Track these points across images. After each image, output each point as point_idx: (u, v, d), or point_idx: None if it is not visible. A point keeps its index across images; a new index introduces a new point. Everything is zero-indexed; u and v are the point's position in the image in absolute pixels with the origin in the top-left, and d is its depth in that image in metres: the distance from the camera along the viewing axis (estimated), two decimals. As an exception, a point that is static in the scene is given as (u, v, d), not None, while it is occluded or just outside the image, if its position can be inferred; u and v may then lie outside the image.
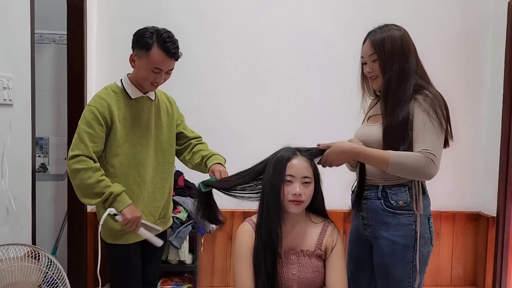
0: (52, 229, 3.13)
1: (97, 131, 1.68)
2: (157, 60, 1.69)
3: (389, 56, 1.54)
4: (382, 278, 1.60)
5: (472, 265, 3.24)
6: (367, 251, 1.66)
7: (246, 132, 3.06)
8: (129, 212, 1.65)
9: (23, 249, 1.58)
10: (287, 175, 1.47)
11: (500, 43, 3.04)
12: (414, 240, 1.52)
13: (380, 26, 1.60)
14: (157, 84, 1.76)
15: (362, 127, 1.72)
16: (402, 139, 1.50)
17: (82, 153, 1.65)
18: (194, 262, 2.83)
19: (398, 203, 1.54)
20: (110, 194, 1.64)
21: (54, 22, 3.00)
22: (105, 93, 1.75)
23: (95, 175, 1.64)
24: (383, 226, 1.56)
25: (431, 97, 1.49)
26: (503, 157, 3.00)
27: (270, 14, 3.05)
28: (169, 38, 1.70)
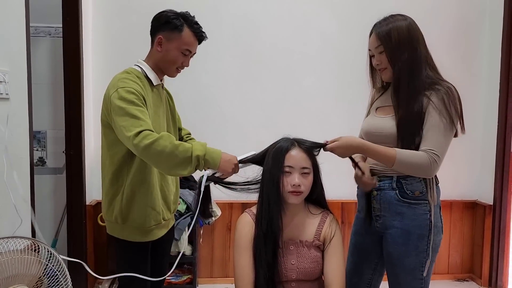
0: (52, 222, 3.14)
1: (144, 108, 1.55)
2: (189, 42, 1.69)
3: (397, 46, 1.52)
4: (393, 268, 1.60)
5: (469, 253, 3.27)
6: (375, 243, 1.66)
7: (243, 123, 3.07)
8: (227, 165, 1.51)
9: (23, 242, 1.58)
10: (286, 166, 1.48)
11: (497, 33, 3.03)
12: (429, 229, 1.53)
13: (386, 17, 1.59)
14: (182, 68, 1.74)
15: (371, 118, 1.69)
16: (417, 131, 1.50)
17: (144, 128, 1.47)
18: (194, 254, 2.85)
19: (414, 193, 1.54)
20: (197, 159, 1.47)
21: (49, 15, 2.98)
22: (131, 77, 1.62)
23: (170, 141, 1.46)
24: (397, 216, 1.56)
25: (444, 94, 1.48)
26: (499, 146, 3.01)
27: (266, 5, 3.04)
28: (195, 20, 1.72)
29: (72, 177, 2.74)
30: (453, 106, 1.48)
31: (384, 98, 1.66)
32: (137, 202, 1.65)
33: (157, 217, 1.70)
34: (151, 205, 1.67)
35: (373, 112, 1.69)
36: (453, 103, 1.49)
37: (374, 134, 1.62)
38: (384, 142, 1.57)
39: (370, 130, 1.64)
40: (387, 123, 1.57)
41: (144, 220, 1.66)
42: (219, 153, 1.53)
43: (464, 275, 3.26)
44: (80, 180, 2.74)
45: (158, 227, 1.73)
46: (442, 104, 1.48)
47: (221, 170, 1.52)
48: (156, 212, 1.69)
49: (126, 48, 2.93)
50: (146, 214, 1.66)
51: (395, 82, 1.55)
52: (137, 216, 1.66)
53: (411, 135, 1.51)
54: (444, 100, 1.48)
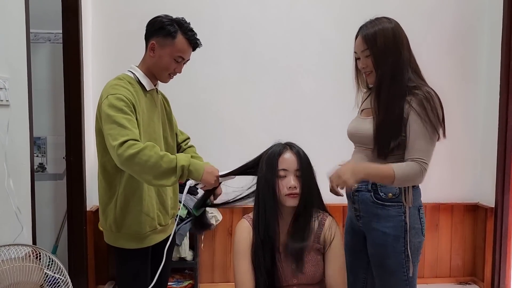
0: (52, 228, 3.13)
1: (133, 116, 1.55)
2: (182, 49, 1.67)
3: (382, 51, 1.54)
4: (377, 269, 1.63)
5: (471, 256, 3.26)
6: (362, 242, 1.69)
7: (242, 127, 3.06)
8: (209, 177, 1.53)
9: (23, 249, 1.58)
10: (280, 170, 1.48)
11: (497, 34, 3.04)
12: (404, 231, 1.55)
13: (371, 20, 1.60)
14: (174, 74, 1.73)
15: (355, 120, 1.73)
16: (395, 136, 1.52)
17: (129, 137, 1.46)
18: (195, 259, 2.84)
19: (387, 195, 1.57)
20: (182, 169, 1.48)
21: (49, 21, 2.99)
22: (123, 83, 1.63)
23: (154, 152, 1.46)
24: (374, 217, 1.60)
25: (425, 101, 1.49)
26: (500, 148, 3.01)
27: (265, 9, 3.04)
28: (190, 27, 1.71)
29: (73, 183, 2.74)
30: (434, 112, 1.50)
31: (369, 100, 1.68)
32: (131, 209, 1.65)
33: (152, 223, 1.70)
34: (146, 212, 1.66)
35: (359, 114, 1.73)
36: (434, 109, 1.50)
37: (354, 135, 1.67)
38: (362, 143, 1.62)
39: (352, 131, 1.69)
40: (365, 125, 1.60)
41: (139, 227, 1.65)
42: (203, 165, 1.55)
43: (466, 279, 3.25)
44: (81, 186, 2.73)
45: (155, 232, 1.72)
46: (423, 111, 1.49)
47: (204, 181, 1.54)
48: (150, 218, 1.68)
49: (126, 54, 2.92)
50: (141, 221, 1.65)
51: (377, 86, 1.56)
52: (132, 223, 1.65)
53: (387, 139, 1.52)
54: (424, 106, 1.49)
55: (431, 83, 1.61)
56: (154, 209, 1.70)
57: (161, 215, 1.75)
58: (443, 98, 1.57)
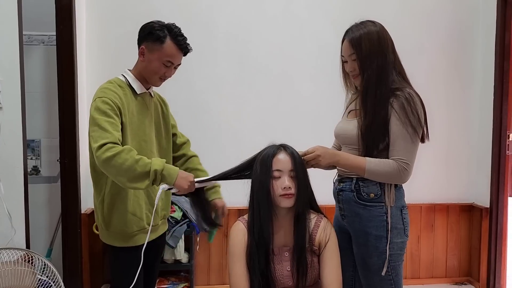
0: (47, 231, 3.11)
1: (116, 119, 1.60)
2: (170, 53, 1.69)
3: (367, 55, 1.56)
4: (361, 269, 1.65)
5: (467, 256, 3.26)
6: (349, 241, 1.70)
7: (238, 129, 3.06)
8: (183, 181, 1.55)
9: (16, 253, 1.57)
10: (274, 171, 1.48)
11: (491, 35, 3.05)
12: (386, 231, 1.56)
13: (357, 23, 1.63)
14: (165, 78, 1.75)
15: (342, 121, 1.75)
16: (382, 137, 1.55)
17: (108, 140, 1.52)
18: (190, 261, 2.83)
19: (369, 195, 1.59)
20: (155, 173, 1.52)
21: (42, 23, 2.97)
22: (112, 86, 1.68)
23: (130, 155, 1.51)
24: (356, 217, 1.62)
25: (405, 102, 1.51)
26: (495, 149, 3.02)
27: (261, 11, 3.04)
28: (180, 32, 1.72)
29: (67, 186, 2.72)
30: (415, 114, 1.51)
31: (356, 102, 1.70)
32: (117, 208, 1.69)
33: (140, 223, 1.72)
34: (132, 211, 1.69)
35: (345, 116, 1.75)
36: (415, 110, 1.52)
37: (340, 136, 1.70)
38: (348, 143, 1.64)
39: (338, 132, 1.72)
40: (350, 125, 1.62)
41: (125, 226, 1.69)
42: (177, 170, 1.58)
43: (462, 279, 3.26)
44: (75, 188, 2.72)
45: (144, 232, 1.73)
46: (403, 113, 1.51)
47: (177, 185, 1.55)
48: (137, 218, 1.71)
49: (120, 56, 2.92)
50: (127, 220, 1.69)
51: (363, 90, 1.58)
52: (118, 222, 1.69)
53: (375, 141, 1.55)
54: (405, 107, 1.51)
55: (427, 86, 1.62)
56: (142, 209, 1.72)
57: (150, 216, 1.76)
58: (438, 100, 1.58)
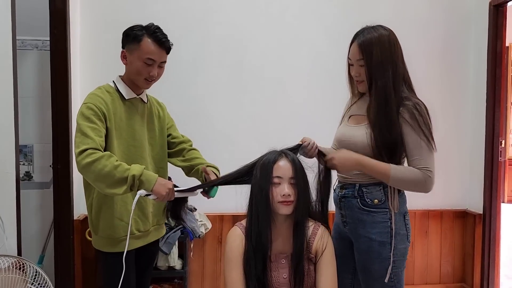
0: (39, 237, 3.08)
1: (99, 125, 1.62)
2: (149, 50, 1.68)
3: (379, 63, 1.53)
4: (362, 275, 1.64)
5: (461, 262, 3.27)
6: (349, 247, 1.69)
7: (234, 135, 3.06)
8: (161, 188, 1.56)
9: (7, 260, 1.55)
10: (274, 177, 1.48)
11: (483, 43, 3.08)
12: (390, 236, 1.56)
13: (368, 27, 1.59)
14: (151, 79, 1.73)
15: (344, 127, 1.72)
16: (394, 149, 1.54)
17: (89, 146, 1.55)
18: (184, 268, 2.81)
19: (373, 201, 1.58)
20: (133, 178, 1.53)
21: (36, 28, 2.96)
22: (99, 92, 1.71)
23: (110, 162, 1.53)
24: (359, 223, 1.60)
25: (416, 113, 1.50)
26: (488, 155, 3.04)
27: (256, 18, 3.05)
28: (158, 29, 1.72)
29: (60, 192, 2.69)
30: (426, 123, 1.52)
31: (358, 106, 1.68)
32: (104, 213, 1.70)
33: (127, 228, 1.70)
34: (118, 216, 1.70)
35: (346, 121, 1.73)
36: (425, 119, 1.52)
37: (344, 142, 1.66)
38: (354, 150, 1.61)
39: (341, 139, 1.68)
40: (358, 132, 1.60)
41: (112, 231, 1.70)
42: (155, 176, 1.59)
43: (456, 285, 3.26)
44: (68, 194, 2.69)
45: (133, 237, 1.73)
46: (415, 123, 1.51)
47: (155, 192, 1.56)
48: (124, 223, 1.70)
49: (114, 61, 2.87)
50: (114, 225, 1.69)
51: (380, 100, 1.54)
52: (105, 227, 1.70)
53: (387, 153, 1.54)
54: (416, 117, 1.50)
55: (419, 93, 1.62)
56: (128, 214, 1.70)
57: (139, 221, 1.77)
58: (431, 107, 1.59)
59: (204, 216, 2.92)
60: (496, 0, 2.95)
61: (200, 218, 2.86)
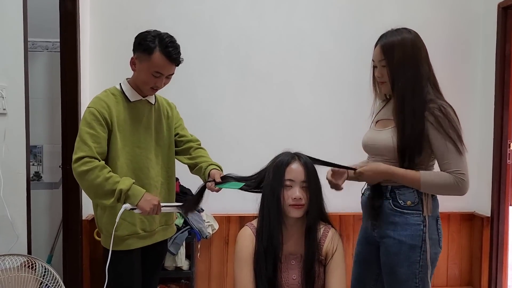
0: (48, 237, 3.11)
1: (99, 131, 1.66)
2: (159, 64, 1.68)
3: (400, 63, 1.53)
4: (387, 278, 1.61)
5: (468, 265, 3.25)
6: (375, 253, 1.67)
7: (240, 138, 3.07)
8: (146, 203, 1.61)
9: (19, 259, 1.57)
10: (286, 180, 1.48)
11: (491, 45, 3.07)
12: (422, 240, 1.53)
13: (392, 30, 1.60)
14: (156, 88, 1.75)
15: (370, 131, 1.71)
16: (418, 152, 1.53)
17: (86, 154, 1.61)
18: (191, 268, 2.82)
19: (406, 203, 1.55)
20: (120, 192, 1.59)
21: (47, 30, 2.99)
22: (104, 95, 1.75)
23: (102, 173, 1.60)
24: (390, 225, 1.57)
25: (441, 115, 1.49)
26: (496, 158, 3.03)
27: (263, 21, 3.06)
28: (171, 43, 1.70)
29: (68, 192, 2.72)
30: (452, 125, 1.51)
31: (384, 111, 1.67)
32: (108, 212, 1.73)
33: (132, 228, 1.74)
34: (122, 216, 1.70)
35: (373, 125, 1.71)
36: (452, 121, 1.51)
37: (370, 147, 1.65)
38: (379, 154, 1.60)
39: (368, 143, 1.67)
40: (383, 136, 1.59)
41: (116, 229, 1.70)
42: (142, 192, 1.63)
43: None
44: (76, 195, 2.72)
45: (137, 237, 1.76)
46: (440, 126, 1.49)
47: (139, 207, 1.61)
48: (127, 222, 1.73)
49: (123, 63, 2.89)
50: (118, 224, 1.69)
51: (398, 100, 1.54)
52: (109, 226, 1.71)
53: (411, 155, 1.52)
54: (440, 120, 1.49)
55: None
56: (134, 214, 1.73)
57: (145, 221, 1.79)
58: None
59: (211, 217, 2.93)
60: (505, 2, 2.93)
61: (207, 219, 2.87)
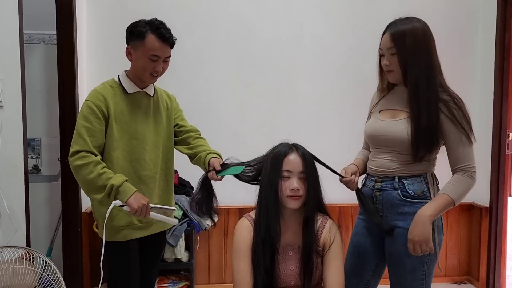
0: (47, 230, 3.11)
1: (95, 124, 1.67)
2: (153, 47, 1.69)
3: (412, 52, 1.51)
4: (394, 268, 1.61)
5: (466, 255, 3.27)
6: (377, 243, 1.66)
7: (239, 128, 3.06)
8: (134, 201, 1.62)
9: (17, 252, 1.57)
10: (284, 171, 1.48)
11: (490, 35, 3.05)
12: (432, 229, 1.53)
13: (401, 18, 1.58)
14: (156, 74, 1.75)
15: (375, 121, 1.66)
16: (435, 140, 1.53)
17: (82, 148, 1.64)
18: (190, 260, 2.83)
19: (416, 193, 1.55)
20: (111, 187, 1.61)
21: (43, 22, 2.97)
22: (101, 87, 1.75)
23: (96, 169, 1.62)
24: (399, 216, 1.57)
25: (456, 107, 1.50)
26: (495, 148, 3.02)
27: (261, 10, 3.04)
28: (161, 25, 1.72)
29: (67, 185, 2.72)
30: (466, 117, 1.52)
31: (388, 100, 1.65)
32: (105, 203, 1.71)
33: (128, 219, 1.75)
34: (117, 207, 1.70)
35: (376, 115, 1.67)
36: (466, 113, 1.52)
37: (379, 138, 1.62)
38: (390, 146, 1.58)
39: (375, 134, 1.64)
40: (396, 127, 1.56)
41: (112, 220, 1.71)
42: (133, 190, 1.64)
43: (462, 278, 3.26)
44: (76, 187, 2.72)
45: (133, 228, 1.77)
46: (455, 118, 1.50)
47: (128, 204, 1.62)
48: (123, 213, 1.72)
49: (120, 55, 2.87)
50: (114, 214, 1.71)
51: (412, 89, 1.52)
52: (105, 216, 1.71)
53: (428, 143, 1.52)
54: (455, 112, 1.50)
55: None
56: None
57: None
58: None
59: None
60: (505, -8, 2.92)
61: (206, 211, 2.87)
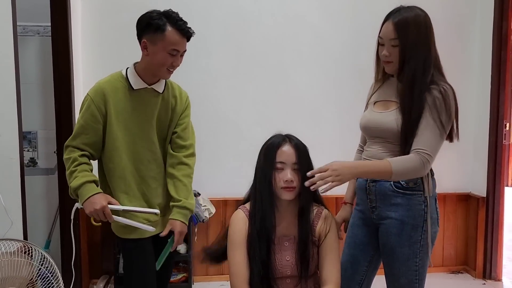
0: (45, 223, 3.11)
1: (88, 122, 1.65)
2: (174, 41, 1.62)
3: (414, 44, 1.49)
4: (388, 259, 1.61)
5: (463, 245, 3.29)
6: (372, 234, 1.67)
7: (236, 120, 3.06)
8: (87, 206, 1.61)
9: (14, 245, 1.57)
10: (277, 162, 1.47)
11: (488, 25, 3.04)
12: (424, 220, 1.54)
13: (403, 7, 1.54)
14: (173, 69, 1.70)
15: (369, 113, 1.66)
16: None
17: (70, 143, 1.66)
18: (188, 252, 2.84)
19: (408, 184, 1.55)
20: (70, 188, 1.64)
21: (38, 14, 2.94)
22: (105, 81, 1.70)
23: (69, 167, 1.65)
24: (391, 207, 1.57)
25: (439, 97, 1.47)
26: (492, 138, 3.03)
27: (258, 2, 3.02)
28: (179, 17, 1.66)
29: (64, 178, 2.69)
30: (447, 110, 1.48)
31: (382, 92, 1.64)
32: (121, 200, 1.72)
33: (144, 216, 1.73)
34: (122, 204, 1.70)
35: (371, 107, 1.67)
36: (448, 105, 1.48)
37: (372, 129, 1.61)
38: (382, 136, 1.57)
39: (368, 125, 1.63)
40: (386, 118, 1.56)
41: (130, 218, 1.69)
42: (90, 193, 1.62)
43: (459, 267, 3.28)
44: (72, 180, 2.71)
45: (150, 225, 1.73)
46: (435, 107, 1.47)
47: (84, 207, 1.64)
48: (130, 214, 1.71)
49: (116, 47, 2.90)
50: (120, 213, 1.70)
51: (408, 81, 1.50)
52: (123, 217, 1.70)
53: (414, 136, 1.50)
54: (437, 102, 1.47)
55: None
56: (136, 205, 1.72)
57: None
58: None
59: (208, 201, 2.94)
60: (502, -19, 2.90)
61: (204, 203, 2.87)
